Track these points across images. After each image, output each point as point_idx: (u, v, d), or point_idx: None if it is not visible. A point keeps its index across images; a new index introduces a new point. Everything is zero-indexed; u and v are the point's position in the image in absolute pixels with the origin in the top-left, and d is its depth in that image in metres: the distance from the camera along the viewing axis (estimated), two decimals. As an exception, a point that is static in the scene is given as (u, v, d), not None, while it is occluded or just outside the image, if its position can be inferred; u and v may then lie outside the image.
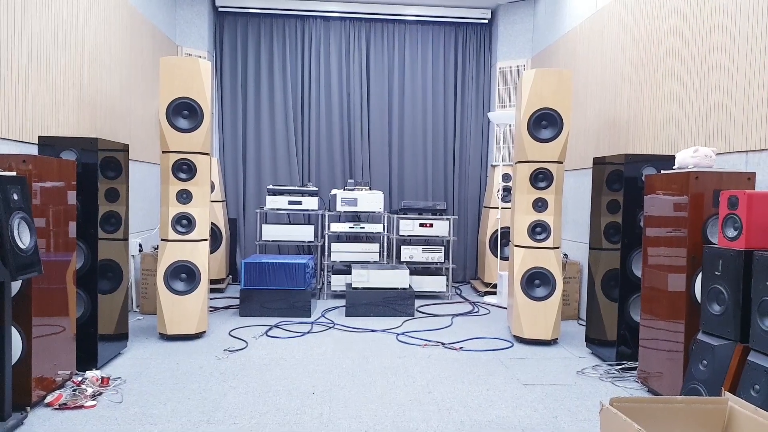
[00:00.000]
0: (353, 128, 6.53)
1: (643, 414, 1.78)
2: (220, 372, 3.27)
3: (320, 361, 3.52)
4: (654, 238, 3.05)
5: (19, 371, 2.58)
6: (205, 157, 3.94)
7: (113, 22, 4.38)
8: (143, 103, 5.07)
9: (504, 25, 6.37)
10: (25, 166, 2.63)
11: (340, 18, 6.47)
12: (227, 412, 2.70)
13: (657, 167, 3.41)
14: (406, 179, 6.62)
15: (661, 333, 2.96)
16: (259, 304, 4.64)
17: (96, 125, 4.11)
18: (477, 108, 6.65)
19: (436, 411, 2.76)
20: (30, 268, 2.43)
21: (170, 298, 3.87)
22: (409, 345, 3.92)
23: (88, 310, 3.23)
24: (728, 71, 3.08)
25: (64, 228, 2.94)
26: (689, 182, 2.75)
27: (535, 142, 3.95)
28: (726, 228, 2.46)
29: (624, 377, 3.31)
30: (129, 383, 3.06)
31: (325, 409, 2.75)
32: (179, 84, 3.83)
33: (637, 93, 4.02)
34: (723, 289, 2.42)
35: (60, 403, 2.69)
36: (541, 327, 3.95)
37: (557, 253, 4.00)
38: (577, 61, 5.05)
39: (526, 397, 2.97)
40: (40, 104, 3.38)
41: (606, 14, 4.52)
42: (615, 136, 4.34)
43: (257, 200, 6.41)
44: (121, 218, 3.50)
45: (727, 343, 2.39)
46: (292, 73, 6.45)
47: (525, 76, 3.99)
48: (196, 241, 3.92)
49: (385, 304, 4.80)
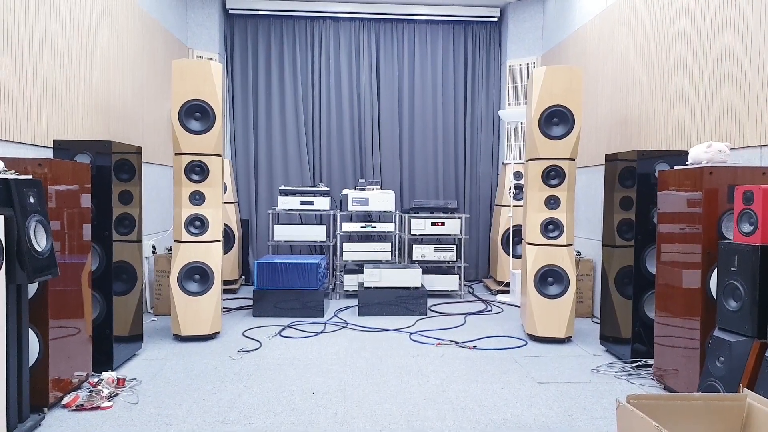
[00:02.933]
0: (364, 128, 6.54)
1: (661, 411, 1.77)
2: (234, 372, 3.29)
3: (334, 360, 3.53)
4: (668, 235, 3.02)
5: (36, 373, 2.61)
6: (217, 158, 3.96)
7: (126, 26, 4.42)
8: (156, 105, 5.11)
9: (513, 23, 6.34)
10: (41, 169, 2.67)
11: (349, 18, 6.48)
12: (242, 412, 2.71)
13: (670, 163, 3.38)
14: (417, 178, 6.61)
15: (677, 330, 2.94)
16: (272, 304, 4.66)
17: (109, 128, 4.15)
18: (487, 106, 6.63)
19: (451, 410, 2.76)
20: (46, 271, 2.46)
21: (184, 299, 3.89)
22: (422, 344, 3.92)
23: (103, 312, 3.26)
24: (741, 65, 3.05)
25: (78, 230, 2.97)
26: (703, 178, 2.72)
27: (546, 139, 3.93)
28: (741, 223, 2.44)
29: (639, 375, 3.29)
30: (144, 384, 3.08)
31: (339, 408, 2.76)
32: (191, 86, 3.86)
33: (649, 89, 3.98)
34: (739, 284, 2.40)
35: (77, 405, 2.72)
36: (554, 325, 3.93)
37: (570, 251, 3.98)
38: (587, 58, 5.02)
39: (540, 396, 2.95)
40: (54, 108, 3.42)
41: (616, 10, 4.48)
42: (627, 133, 4.30)
43: (269, 201, 6.43)
44: (135, 220, 3.53)
45: (744, 340, 2.37)
46: (302, 74, 6.47)
47: (535, 74, 3.97)
48: (209, 242, 3.94)
49: (398, 304, 4.80)
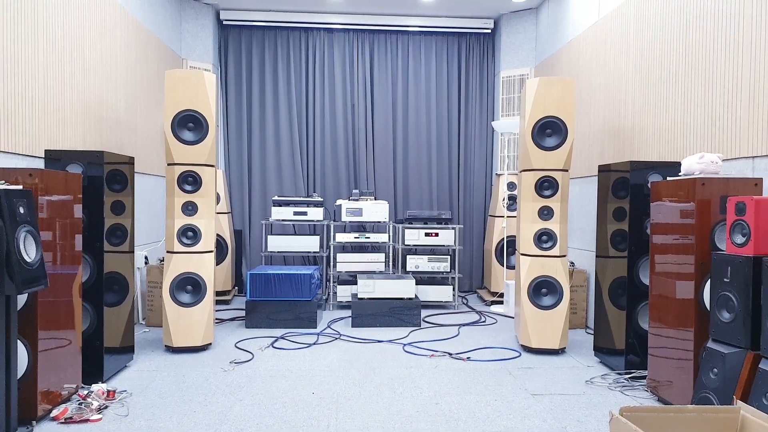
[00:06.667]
0: (358, 139, 6.54)
1: (654, 423, 1.76)
2: (226, 384, 3.26)
3: (326, 372, 3.50)
4: (661, 246, 3.03)
5: (24, 385, 2.58)
6: (210, 169, 3.95)
7: (119, 36, 4.42)
8: (149, 116, 5.10)
9: (507, 35, 6.39)
10: (32, 179, 2.65)
11: (343, 30, 6.51)
12: (233, 424, 2.68)
13: (663, 174, 3.40)
14: (411, 189, 6.62)
15: (670, 341, 2.93)
16: (265, 315, 4.63)
17: (102, 138, 4.14)
18: (481, 117, 6.65)
19: (444, 422, 2.74)
20: (36, 282, 2.44)
21: (176, 310, 3.86)
22: (415, 355, 3.90)
23: (94, 323, 3.23)
24: (733, 77, 3.07)
25: (70, 241, 2.94)
26: (696, 189, 2.73)
27: (539, 150, 3.94)
28: (734, 234, 2.45)
29: (633, 386, 3.28)
30: (135, 396, 3.05)
31: (332, 420, 2.73)
32: (184, 96, 3.85)
33: (641, 100, 4.01)
34: (732, 296, 2.40)
35: (66, 417, 2.69)
36: (548, 336, 3.92)
37: (564, 262, 3.98)
38: (580, 70, 5.05)
39: (534, 408, 2.94)
40: (46, 118, 3.41)
41: (609, 23, 4.53)
42: (620, 144, 4.33)
43: (263, 211, 6.42)
44: (127, 231, 3.51)
45: (738, 351, 2.36)
46: (296, 85, 6.49)
47: (529, 85, 3.99)
48: (201, 253, 3.92)
49: (392, 315, 4.78)
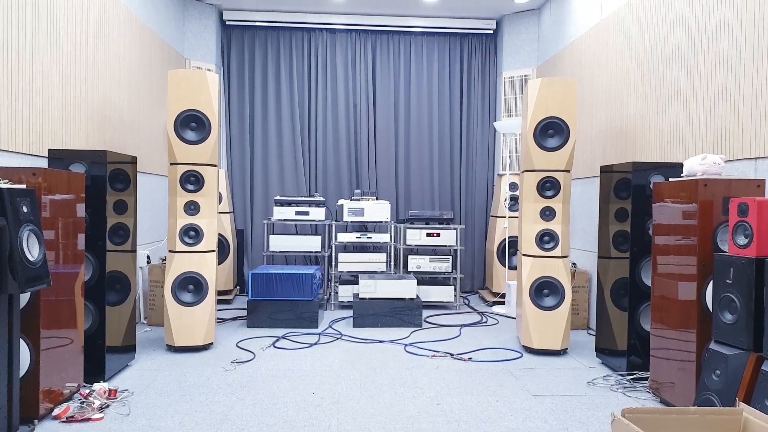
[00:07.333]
0: (360, 139, 6.54)
1: (656, 425, 1.76)
2: (227, 384, 3.26)
3: (328, 372, 3.50)
4: (663, 246, 3.03)
5: (26, 384, 2.58)
6: (212, 168, 3.95)
7: (122, 36, 4.43)
8: (151, 115, 5.10)
9: (509, 35, 6.38)
10: (35, 179, 2.65)
11: (346, 30, 6.51)
12: (234, 424, 2.68)
13: (665, 175, 3.39)
14: (413, 189, 6.62)
15: (673, 342, 2.93)
16: (267, 315, 4.63)
17: (105, 138, 4.15)
18: (483, 117, 6.65)
19: (445, 423, 2.73)
20: (38, 281, 2.44)
21: (178, 309, 3.87)
22: (417, 356, 3.90)
23: (96, 322, 3.23)
24: (735, 78, 3.07)
25: (72, 240, 2.95)
26: (698, 190, 2.73)
27: (541, 150, 3.94)
28: (736, 235, 2.44)
29: (635, 387, 3.27)
30: (136, 395, 3.05)
31: (333, 421, 2.73)
32: (187, 96, 3.86)
33: (644, 101, 4.01)
34: (735, 297, 2.39)
35: (67, 416, 2.69)
36: (550, 337, 3.92)
37: (566, 262, 3.97)
38: (582, 70, 5.05)
39: (536, 409, 2.94)
40: (50, 118, 3.41)
41: (611, 23, 4.52)
42: (622, 144, 4.32)
43: (264, 211, 6.42)
44: (129, 230, 3.52)
45: (741, 353, 2.36)
46: (298, 85, 6.49)
47: (531, 86, 3.99)
48: (203, 253, 3.92)
49: (393, 315, 4.78)
